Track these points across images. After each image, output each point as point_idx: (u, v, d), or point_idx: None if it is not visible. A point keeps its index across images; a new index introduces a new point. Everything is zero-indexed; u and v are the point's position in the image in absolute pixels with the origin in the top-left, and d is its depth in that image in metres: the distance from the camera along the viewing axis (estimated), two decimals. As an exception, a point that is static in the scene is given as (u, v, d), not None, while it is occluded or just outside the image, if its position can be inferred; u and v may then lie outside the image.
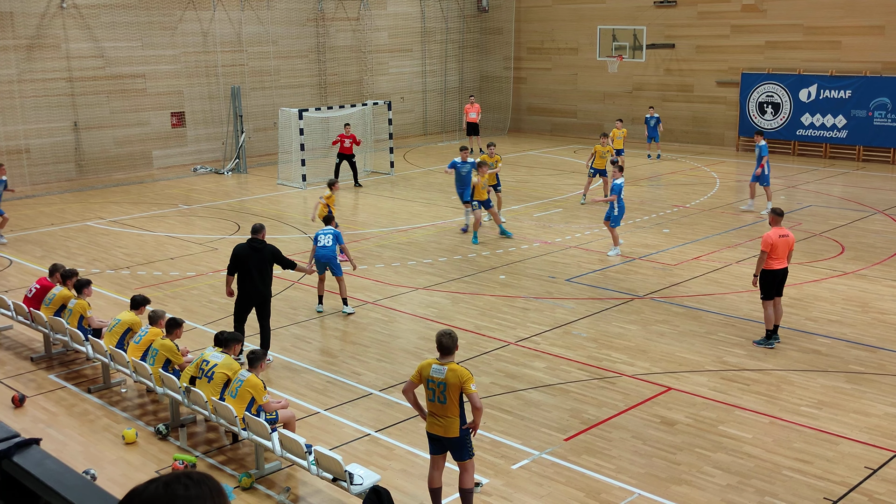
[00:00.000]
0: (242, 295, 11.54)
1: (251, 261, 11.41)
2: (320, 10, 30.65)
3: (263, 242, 11.58)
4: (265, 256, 11.50)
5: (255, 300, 11.55)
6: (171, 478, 2.21)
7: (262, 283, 11.52)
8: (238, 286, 11.57)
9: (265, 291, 11.58)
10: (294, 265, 12.06)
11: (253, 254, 11.44)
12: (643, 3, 31.27)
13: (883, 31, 26.54)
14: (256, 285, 11.46)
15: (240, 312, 11.60)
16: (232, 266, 11.54)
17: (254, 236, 11.61)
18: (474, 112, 29.82)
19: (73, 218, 20.96)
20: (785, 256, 12.11)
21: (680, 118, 31.30)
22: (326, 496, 8.52)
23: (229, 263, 11.60)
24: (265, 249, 11.52)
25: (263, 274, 11.52)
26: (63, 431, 10.02)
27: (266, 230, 11.86)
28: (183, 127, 27.83)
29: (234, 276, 11.59)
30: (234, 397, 8.95)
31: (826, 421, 9.91)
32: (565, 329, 12.99)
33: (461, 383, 7.56)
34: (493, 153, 19.13)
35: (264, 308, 11.64)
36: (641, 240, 18.06)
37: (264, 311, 11.66)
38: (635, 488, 8.53)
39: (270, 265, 11.61)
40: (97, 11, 25.35)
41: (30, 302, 12.39)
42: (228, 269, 11.62)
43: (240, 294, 11.57)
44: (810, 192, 22.84)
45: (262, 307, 11.63)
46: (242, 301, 11.56)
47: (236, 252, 11.52)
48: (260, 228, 11.69)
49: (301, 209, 21.90)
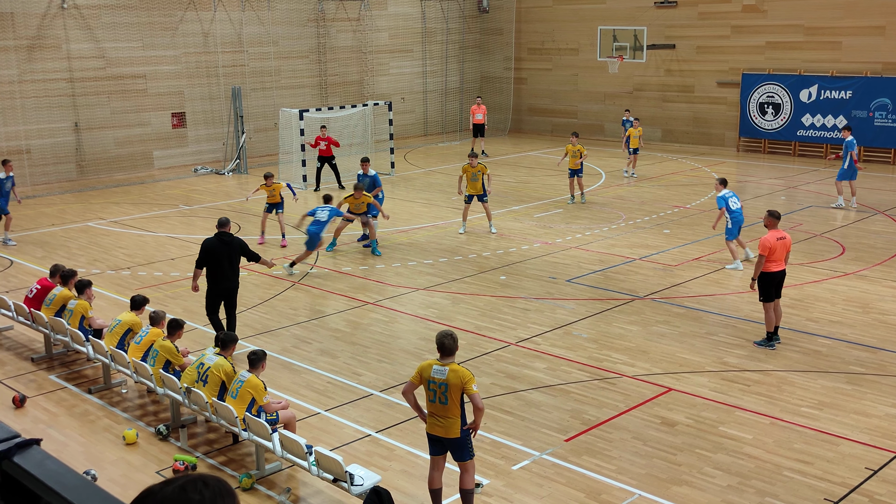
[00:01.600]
0: (215, 287, 11.98)
1: (222, 254, 11.86)
2: (321, 10, 30.66)
3: (231, 235, 12.03)
4: (235, 249, 11.94)
5: (227, 292, 12.03)
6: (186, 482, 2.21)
7: (233, 274, 12.03)
8: (209, 279, 11.97)
9: (235, 282, 12.10)
10: (259, 258, 12.42)
11: (223, 247, 11.86)
12: (644, 4, 31.27)
13: (883, 31, 26.54)
14: (228, 277, 11.95)
15: (213, 305, 12.08)
16: (201, 260, 11.92)
17: (221, 230, 12.01)
18: (480, 113, 29.55)
19: (73, 218, 20.97)
20: (783, 259, 12.09)
21: (680, 119, 31.31)
22: (327, 497, 8.53)
23: (199, 258, 11.96)
24: (234, 242, 11.96)
25: (234, 266, 12.01)
26: (63, 432, 10.03)
27: (231, 223, 12.29)
28: (183, 127, 27.84)
29: (202, 271, 11.99)
30: (235, 398, 8.96)
31: (826, 422, 9.91)
32: (566, 330, 12.99)
33: (462, 384, 7.56)
34: (474, 163, 18.44)
35: (232, 299, 12.16)
36: (642, 240, 18.06)
37: (232, 302, 12.18)
38: (636, 489, 8.53)
39: (239, 257, 12.03)
40: (98, 12, 25.37)
41: (30, 302, 12.40)
42: (198, 263, 12.01)
43: (212, 287, 11.99)
44: (811, 192, 22.84)
45: (231, 298, 12.14)
46: (215, 294, 12.02)
47: (206, 246, 11.91)
48: (226, 222, 12.12)
49: (301, 209, 21.88)
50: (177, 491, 2.18)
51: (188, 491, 2.18)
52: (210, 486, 2.20)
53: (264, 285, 15.37)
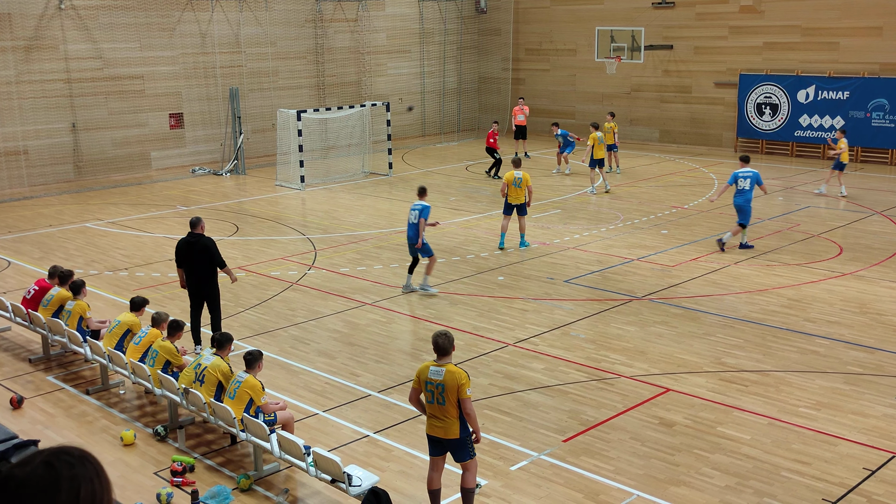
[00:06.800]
0: (189, 287, 12.21)
1: (187, 254, 12.05)
2: (318, 11, 30.66)
3: (199, 236, 12.06)
4: (198, 250, 12.01)
5: (201, 292, 12.15)
6: (49, 455, 2.07)
7: (203, 276, 12.06)
8: (186, 279, 12.22)
9: (207, 284, 12.12)
10: (224, 265, 12.27)
11: (187, 247, 12.04)
12: (641, 4, 31.30)
13: (881, 32, 26.57)
14: (198, 277, 12.06)
15: (191, 305, 12.24)
16: (176, 260, 12.28)
17: (191, 230, 12.13)
18: (522, 114, 29.05)
19: (71, 219, 20.95)
20: None
21: (678, 119, 31.33)
22: (325, 497, 8.52)
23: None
24: (199, 243, 12.01)
25: (202, 268, 12.03)
26: (61, 433, 10.02)
27: (203, 223, 12.28)
28: (181, 128, 27.81)
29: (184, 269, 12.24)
30: (233, 398, 8.95)
31: (824, 422, 9.91)
32: (564, 330, 13.00)
33: (458, 386, 7.56)
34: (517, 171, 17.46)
35: (209, 300, 12.22)
36: (640, 241, 18.06)
37: (210, 304, 12.24)
38: (634, 489, 8.53)
39: (205, 258, 12.06)
40: (95, 13, 25.35)
41: (28, 303, 12.38)
42: (175, 262, 12.37)
43: (188, 286, 12.23)
44: (808, 193, 22.86)
45: (208, 298, 12.21)
46: (190, 293, 12.24)
47: (177, 246, 12.23)
48: (197, 222, 12.18)
49: (299, 210, 21.90)
50: (41, 468, 2.05)
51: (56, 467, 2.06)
52: (78, 459, 2.11)
53: (262, 286, 15.36)
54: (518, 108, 29.29)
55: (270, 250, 17.77)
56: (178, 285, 13.16)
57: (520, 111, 29.17)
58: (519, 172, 17.18)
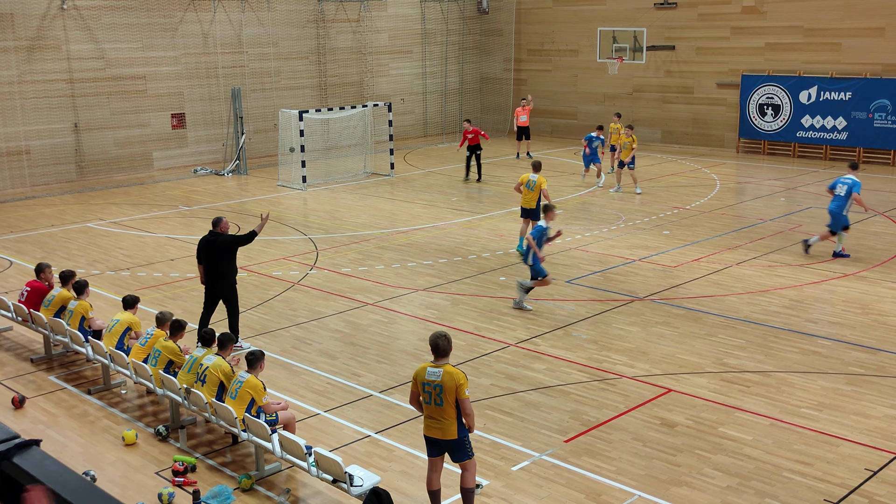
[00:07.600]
0: (206, 284, 12.25)
1: (206, 253, 12.09)
2: (320, 11, 30.67)
3: (218, 234, 12.10)
4: (217, 248, 12.05)
5: (217, 289, 12.18)
6: None
7: (219, 274, 12.10)
8: (204, 276, 12.28)
9: (223, 282, 12.14)
10: (254, 232, 12.23)
11: (207, 246, 12.09)
12: (643, 5, 31.29)
13: (883, 32, 26.55)
14: (214, 276, 12.11)
15: (206, 303, 12.28)
16: (197, 256, 12.29)
17: (212, 229, 12.18)
18: (525, 115, 28.80)
19: (73, 219, 20.97)
20: None
21: (680, 120, 31.32)
22: (326, 498, 8.52)
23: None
24: (217, 241, 12.05)
25: (220, 266, 12.08)
26: (63, 433, 10.02)
27: (226, 222, 12.30)
28: (183, 128, 27.84)
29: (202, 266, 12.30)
30: (234, 398, 8.96)
31: (826, 423, 9.91)
32: (565, 331, 13.00)
33: (456, 386, 7.55)
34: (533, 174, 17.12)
35: (227, 300, 12.24)
36: (642, 241, 18.06)
37: (229, 303, 12.25)
38: (635, 490, 8.53)
39: (227, 254, 12.10)
40: (98, 13, 25.37)
41: (24, 305, 12.38)
42: (196, 259, 12.41)
43: (205, 283, 12.28)
44: (810, 193, 22.84)
45: (224, 296, 12.23)
46: (207, 290, 12.26)
47: (199, 244, 12.26)
48: (218, 221, 12.23)
49: (301, 210, 21.91)
50: None
51: None
52: None
53: (263, 286, 15.37)
54: (520, 109, 29.13)
55: (272, 250, 17.78)
56: (178, 285, 13.20)
57: (522, 112, 29.00)
58: (534, 175, 16.76)
